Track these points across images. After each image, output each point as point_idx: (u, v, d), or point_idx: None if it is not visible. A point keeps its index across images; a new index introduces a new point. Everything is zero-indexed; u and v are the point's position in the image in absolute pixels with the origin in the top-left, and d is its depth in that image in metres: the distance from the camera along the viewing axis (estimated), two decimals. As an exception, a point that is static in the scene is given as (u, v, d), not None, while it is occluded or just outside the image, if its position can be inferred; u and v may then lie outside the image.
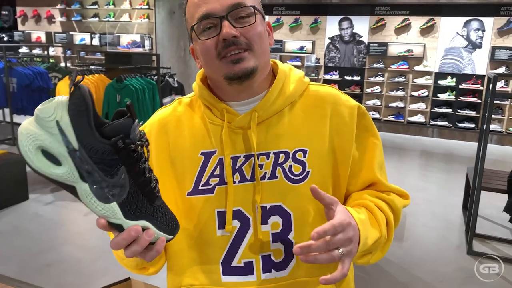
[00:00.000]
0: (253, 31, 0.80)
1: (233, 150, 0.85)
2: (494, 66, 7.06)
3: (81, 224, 3.70)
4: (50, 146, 0.60)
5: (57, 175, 0.60)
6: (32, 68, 5.87)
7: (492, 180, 3.55)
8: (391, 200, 0.89)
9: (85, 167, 0.61)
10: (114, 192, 0.63)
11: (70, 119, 0.60)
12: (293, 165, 0.84)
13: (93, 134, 0.60)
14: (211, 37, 0.80)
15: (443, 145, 6.97)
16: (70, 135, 0.60)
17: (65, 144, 0.60)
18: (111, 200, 0.63)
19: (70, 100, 0.60)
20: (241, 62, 0.79)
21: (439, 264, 3.11)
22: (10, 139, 5.94)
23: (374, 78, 7.80)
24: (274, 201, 0.84)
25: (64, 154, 0.60)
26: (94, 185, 0.62)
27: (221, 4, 0.79)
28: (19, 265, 2.93)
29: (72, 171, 0.60)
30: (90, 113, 0.60)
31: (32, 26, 9.53)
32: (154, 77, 4.89)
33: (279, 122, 0.86)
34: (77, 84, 0.61)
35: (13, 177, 3.95)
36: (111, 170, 0.62)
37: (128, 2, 8.03)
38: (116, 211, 0.63)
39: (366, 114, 0.91)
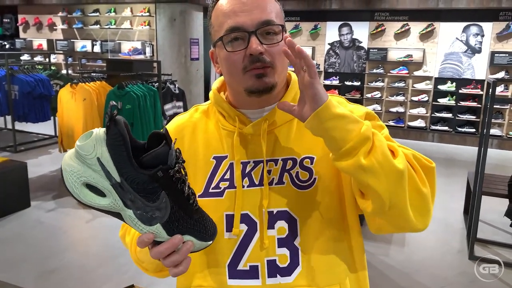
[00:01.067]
0: (278, 50, 0.82)
1: (243, 155, 0.88)
2: (493, 70, 7.09)
3: (83, 231, 3.71)
4: (94, 182, 0.63)
5: (103, 206, 0.65)
6: (34, 75, 5.91)
7: (493, 184, 3.56)
8: (412, 152, 0.81)
9: (128, 197, 0.64)
10: (157, 215, 0.66)
11: (110, 155, 0.63)
12: (300, 171, 0.87)
13: (133, 166, 0.63)
14: (239, 50, 0.82)
15: (443, 150, 6.98)
16: (111, 170, 0.63)
17: (108, 178, 0.63)
18: (155, 222, 0.67)
19: (108, 135, 0.63)
20: (263, 77, 0.82)
21: (440, 269, 3.11)
22: (12, 146, 5.96)
23: (374, 84, 7.83)
24: (281, 207, 0.86)
25: (108, 187, 0.64)
26: (137, 210, 0.65)
27: (251, 19, 0.81)
28: (21, 272, 2.94)
29: (116, 201, 0.65)
30: (128, 146, 0.63)
31: (34, 33, 9.59)
32: (155, 84, 4.92)
33: (288, 130, 0.89)
34: (113, 119, 0.63)
35: (15, 184, 3.97)
36: (153, 196, 0.65)
37: (129, 10, 8.08)
38: (160, 231, 0.68)
39: (374, 116, 0.92)
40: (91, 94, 4.65)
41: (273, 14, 0.83)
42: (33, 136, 6.88)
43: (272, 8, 0.84)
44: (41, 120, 6.03)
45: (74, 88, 4.71)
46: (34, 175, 4.81)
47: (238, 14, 0.82)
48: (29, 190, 4.11)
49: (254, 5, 0.82)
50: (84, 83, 4.74)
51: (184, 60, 7.27)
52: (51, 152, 6.01)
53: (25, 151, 6.01)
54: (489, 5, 6.68)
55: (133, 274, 2.95)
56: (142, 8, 7.88)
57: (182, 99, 5.27)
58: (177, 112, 5.19)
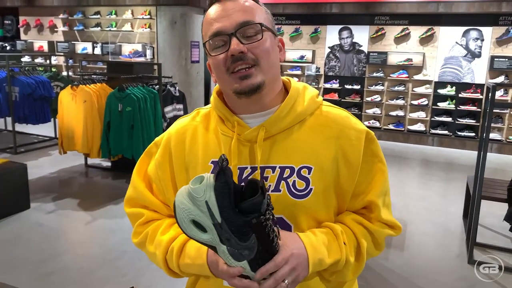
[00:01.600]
0: (261, 47, 0.85)
1: (240, 161, 0.90)
2: (493, 75, 7.10)
3: (82, 233, 3.71)
4: (199, 220, 0.75)
5: (204, 240, 0.76)
6: (35, 77, 5.92)
7: (492, 189, 3.56)
8: (374, 229, 0.93)
9: (225, 235, 0.75)
10: (245, 253, 0.76)
11: (216, 200, 0.73)
12: (297, 180, 0.88)
13: (234, 211, 0.73)
14: (220, 54, 0.85)
15: (443, 154, 6.98)
16: (215, 212, 0.74)
17: (211, 218, 0.74)
18: (243, 259, 0.77)
19: (216, 182, 0.73)
20: (248, 78, 0.84)
21: (439, 273, 3.11)
22: (12, 148, 5.96)
23: (374, 87, 7.84)
24: (276, 213, 0.87)
25: (210, 226, 0.75)
26: (230, 247, 0.76)
27: (230, 22, 0.84)
28: (20, 273, 2.93)
29: (214, 237, 0.75)
30: (232, 194, 0.73)
31: (35, 35, 9.61)
32: (155, 86, 4.93)
33: (287, 138, 0.90)
34: (224, 169, 0.73)
35: (15, 185, 3.97)
36: (244, 237, 0.75)
37: (130, 12, 8.10)
38: (246, 266, 0.77)
39: (374, 140, 0.94)
40: (92, 96, 4.66)
41: (253, 15, 0.85)
42: (33, 137, 6.88)
43: (253, 9, 0.86)
44: (42, 122, 6.04)
45: (74, 90, 4.72)
46: (33, 176, 4.81)
47: (219, 20, 0.85)
48: (29, 192, 4.11)
49: (234, 10, 0.85)
50: (84, 85, 4.76)
51: (185, 62, 7.28)
52: (51, 154, 6.01)
53: (25, 153, 6.01)
54: (489, 10, 6.71)
55: (132, 277, 2.95)
56: (143, 11, 7.90)
57: (182, 102, 5.28)
58: (177, 114, 5.20)
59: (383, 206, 0.93)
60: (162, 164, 0.99)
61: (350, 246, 0.89)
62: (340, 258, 0.87)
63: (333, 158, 0.89)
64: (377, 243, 0.94)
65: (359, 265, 0.91)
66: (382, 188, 0.93)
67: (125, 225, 3.78)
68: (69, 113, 4.76)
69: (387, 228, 0.95)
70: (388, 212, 0.95)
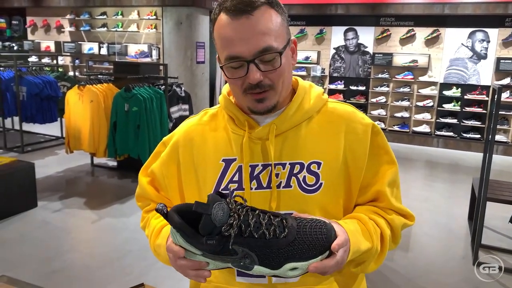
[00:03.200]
0: (277, 74, 0.86)
1: (252, 158, 0.91)
2: (499, 76, 7.07)
3: (88, 232, 3.74)
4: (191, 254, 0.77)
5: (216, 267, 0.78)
6: (42, 77, 5.98)
7: (498, 191, 3.55)
8: (390, 218, 0.93)
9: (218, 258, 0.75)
10: (247, 262, 0.73)
11: (182, 239, 0.75)
12: (307, 176, 0.89)
13: (199, 242, 0.73)
14: (238, 78, 0.85)
15: (448, 156, 6.96)
16: (191, 248, 0.75)
17: (196, 252, 0.75)
18: (252, 267, 0.74)
19: (171, 227, 0.76)
20: (263, 102, 0.86)
21: (444, 275, 3.11)
22: (19, 147, 6.01)
23: (379, 88, 7.83)
24: (287, 209, 0.88)
25: (201, 258, 0.76)
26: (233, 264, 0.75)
27: (248, 48, 0.82)
28: (26, 271, 2.97)
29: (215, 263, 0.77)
30: (187, 231, 0.73)
31: (42, 35, 9.69)
32: (161, 87, 4.96)
33: (296, 135, 0.92)
34: (163, 215, 0.75)
35: (22, 184, 4.01)
36: (232, 251, 0.72)
37: (136, 13, 8.15)
38: (263, 270, 0.74)
39: (380, 132, 0.96)
40: (98, 96, 4.69)
41: (272, 38, 0.83)
42: (40, 137, 6.94)
43: (272, 29, 0.83)
44: (48, 121, 6.09)
45: (81, 90, 4.76)
46: (40, 175, 4.86)
47: (236, 43, 0.82)
48: (36, 191, 4.15)
49: (251, 32, 0.81)
50: (91, 85, 4.79)
51: (190, 63, 7.31)
52: (57, 153, 6.06)
53: (32, 152, 6.07)
54: (495, 11, 6.68)
55: (138, 275, 2.97)
56: (149, 11, 7.95)
57: (188, 102, 5.31)
58: (183, 115, 5.23)
59: (391, 196, 0.94)
60: (167, 162, 1.01)
61: (377, 234, 0.90)
62: (372, 246, 0.87)
63: (341, 152, 0.91)
64: (393, 234, 0.95)
65: (382, 254, 0.92)
66: (389, 178, 0.94)
67: (131, 224, 3.81)
68: (76, 113, 4.80)
69: (402, 217, 0.96)
70: (398, 202, 0.96)
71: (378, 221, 0.92)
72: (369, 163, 0.93)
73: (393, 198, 0.95)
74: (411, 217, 0.98)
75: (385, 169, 0.94)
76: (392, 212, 0.95)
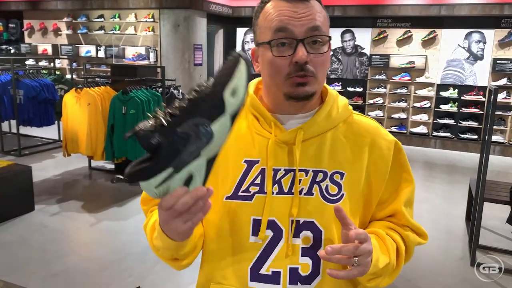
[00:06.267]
0: (322, 61, 0.86)
1: (276, 162, 0.89)
2: (495, 77, 7.11)
3: (87, 235, 3.73)
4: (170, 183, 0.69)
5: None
6: (39, 80, 5.97)
7: (495, 191, 3.57)
8: (405, 235, 0.94)
9: (186, 156, 0.68)
10: (202, 130, 0.68)
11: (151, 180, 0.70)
12: (329, 185, 0.88)
13: (156, 159, 0.68)
14: (285, 56, 0.84)
15: (445, 156, 6.98)
16: (161, 175, 0.69)
17: (167, 173, 0.68)
18: (210, 129, 0.69)
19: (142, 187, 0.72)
20: (304, 86, 0.85)
21: (442, 275, 3.12)
22: (16, 150, 6.00)
23: (377, 90, 7.85)
24: (308, 217, 0.87)
25: (177, 175, 0.68)
26: (200, 143, 0.68)
27: (301, 25, 0.83)
28: (25, 275, 2.96)
29: (189, 167, 0.69)
30: (139, 168, 0.70)
31: (39, 38, 9.68)
32: (159, 89, 4.96)
33: (321, 143, 0.91)
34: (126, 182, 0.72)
35: (20, 188, 3.99)
36: (183, 135, 0.67)
37: (133, 15, 8.15)
38: (223, 122, 0.70)
39: (402, 150, 0.96)
40: (96, 99, 4.69)
41: (321, 22, 0.85)
42: (37, 140, 6.92)
43: (321, 16, 0.86)
44: (46, 125, 6.08)
45: (78, 93, 4.76)
46: (38, 179, 4.85)
47: (288, 19, 0.83)
48: (34, 194, 4.14)
49: (304, 12, 0.84)
50: (88, 88, 4.79)
51: (188, 65, 7.32)
52: (55, 156, 6.05)
53: (30, 155, 6.05)
54: (491, 12, 6.71)
55: (136, 278, 2.96)
56: (146, 14, 7.95)
57: (185, 105, 5.30)
58: (180, 117, 5.23)
59: (407, 213, 0.96)
60: None
61: (393, 249, 0.90)
62: (389, 262, 0.87)
63: (364, 165, 0.91)
64: (407, 250, 0.95)
65: (397, 269, 0.93)
66: (407, 197, 0.95)
67: (129, 227, 3.80)
68: (73, 115, 4.79)
69: (416, 236, 0.97)
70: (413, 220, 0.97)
71: (394, 237, 0.93)
72: (389, 180, 0.93)
73: (409, 215, 0.96)
74: (425, 236, 0.99)
75: (404, 187, 0.95)
76: (408, 229, 0.96)
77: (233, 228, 0.90)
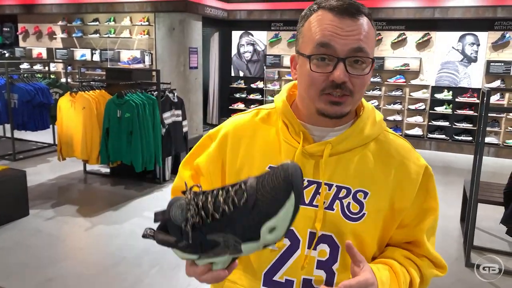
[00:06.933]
0: (362, 82, 0.83)
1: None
2: (489, 79, 7.16)
3: (82, 239, 3.72)
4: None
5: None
6: (33, 84, 5.94)
7: (489, 192, 3.59)
8: (422, 265, 0.92)
9: (211, 256, 0.69)
10: (231, 244, 0.67)
11: (178, 252, 0.70)
12: (352, 203, 0.87)
13: (182, 247, 0.69)
14: (322, 72, 0.81)
15: (440, 158, 7.01)
16: (187, 256, 0.70)
17: (192, 257, 0.70)
18: (240, 247, 0.67)
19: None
20: (339, 105, 0.83)
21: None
22: (10, 155, 5.97)
23: (372, 92, 7.89)
24: (327, 231, 0.87)
25: (200, 260, 0.71)
26: (227, 253, 0.68)
27: (344, 44, 0.80)
28: (19, 280, 2.94)
29: (214, 261, 0.71)
30: (171, 242, 0.69)
31: (33, 42, 9.65)
32: (154, 93, 4.96)
33: (349, 159, 0.88)
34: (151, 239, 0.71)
35: (14, 192, 3.98)
36: (212, 243, 0.67)
37: (128, 19, 8.15)
38: (251, 246, 0.68)
39: (431, 176, 0.93)
40: (91, 102, 4.68)
41: (367, 44, 0.82)
42: (32, 144, 6.89)
43: (368, 36, 0.82)
44: (40, 129, 6.05)
45: (73, 96, 4.75)
46: (33, 183, 4.82)
47: (333, 35, 0.80)
48: (28, 199, 4.11)
49: (350, 30, 0.80)
50: (83, 91, 4.78)
51: (183, 69, 7.32)
52: (50, 161, 6.03)
53: (24, 160, 6.02)
54: (485, 15, 6.77)
55: (132, 282, 2.96)
56: (141, 17, 7.95)
57: (181, 108, 5.31)
58: (175, 120, 5.22)
59: (428, 242, 0.93)
60: (215, 160, 0.97)
61: (406, 283, 0.88)
62: None
63: (389, 187, 0.88)
64: (422, 282, 0.93)
65: None
66: (430, 225, 0.93)
67: (124, 231, 3.79)
68: (68, 119, 4.78)
69: (434, 268, 0.95)
70: (433, 249, 0.95)
71: (410, 270, 0.90)
72: (413, 205, 0.90)
73: (429, 244, 0.93)
74: (443, 268, 0.96)
75: (428, 215, 0.93)
76: (426, 259, 0.93)
77: None
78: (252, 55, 8.89)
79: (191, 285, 2.88)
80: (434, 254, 0.93)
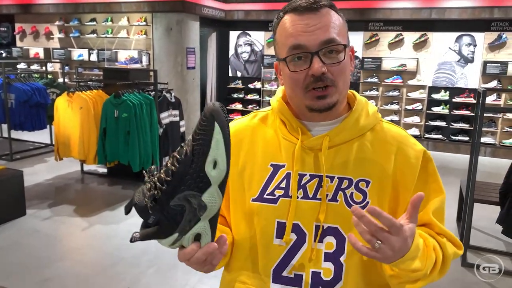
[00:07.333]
0: (340, 69, 0.86)
1: (301, 167, 0.90)
2: (486, 80, 7.19)
3: (79, 239, 3.71)
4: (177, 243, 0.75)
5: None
6: (30, 84, 5.93)
7: (485, 192, 3.61)
8: (443, 243, 0.91)
9: (187, 225, 0.72)
10: (194, 201, 0.70)
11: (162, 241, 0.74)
12: (354, 192, 0.89)
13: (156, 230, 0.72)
14: (301, 70, 0.85)
15: (437, 158, 7.04)
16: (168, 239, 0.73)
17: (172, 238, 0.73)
18: (202, 201, 0.70)
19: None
20: (324, 98, 0.86)
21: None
22: (7, 155, 5.95)
23: (369, 92, 7.90)
24: (332, 223, 0.88)
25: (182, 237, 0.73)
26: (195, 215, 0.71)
27: (314, 39, 0.84)
28: (17, 280, 2.94)
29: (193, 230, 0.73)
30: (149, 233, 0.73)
31: (31, 42, 9.62)
32: (151, 93, 4.95)
33: (348, 150, 0.91)
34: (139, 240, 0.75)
35: (11, 192, 3.97)
36: (178, 208, 0.70)
37: (126, 19, 8.14)
38: (210, 192, 0.71)
39: (431, 160, 0.95)
40: (88, 102, 4.68)
41: (336, 32, 0.85)
42: (29, 144, 6.88)
43: (335, 25, 0.86)
44: (37, 129, 6.04)
45: (70, 96, 4.74)
46: (30, 183, 4.82)
47: (301, 34, 0.84)
48: (25, 199, 4.11)
49: (317, 25, 0.84)
50: (80, 91, 4.77)
51: (181, 69, 7.32)
52: (47, 161, 6.02)
53: (21, 160, 6.01)
54: (481, 16, 6.80)
55: (129, 282, 2.96)
56: (138, 18, 7.94)
57: (178, 108, 5.31)
58: (173, 120, 5.22)
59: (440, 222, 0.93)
60: None
61: (431, 260, 0.87)
62: (421, 270, 0.82)
63: (390, 174, 0.90)
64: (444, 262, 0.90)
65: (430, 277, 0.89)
66: (436, 206, 0.93)
67: (122, 231, 3.79)
68: (66, 119, 4.77)
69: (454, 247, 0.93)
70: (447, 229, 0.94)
71: (434, 245, 0.89)
72: (415, 189, 0.90)
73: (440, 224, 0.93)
74: (460, 246, 0.95)
75: (432, 197, 0.94)
76: (443, 237, 0.93)
77: (258, 229, 0.92)
78: (249, 55, 8.90)
79: (189, 284, 2.88)
80: (449, 232, 0.93)
